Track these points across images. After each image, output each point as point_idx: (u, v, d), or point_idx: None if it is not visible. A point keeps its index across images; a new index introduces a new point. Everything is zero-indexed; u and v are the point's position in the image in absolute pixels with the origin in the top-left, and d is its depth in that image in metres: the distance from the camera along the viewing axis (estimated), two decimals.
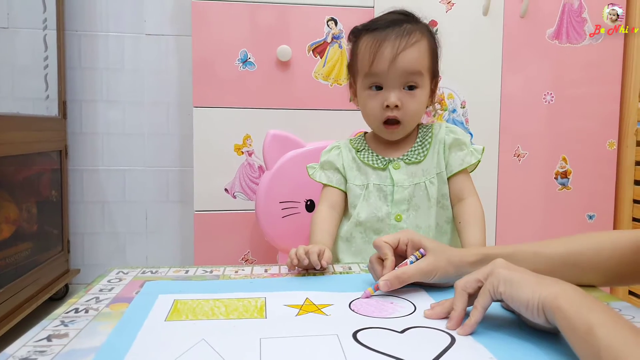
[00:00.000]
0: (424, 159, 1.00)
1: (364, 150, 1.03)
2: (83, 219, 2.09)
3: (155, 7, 2.04)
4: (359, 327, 0.58)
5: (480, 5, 1.67)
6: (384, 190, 0.99)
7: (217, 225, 1.60)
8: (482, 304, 0.57)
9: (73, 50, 2.02)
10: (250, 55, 1.57)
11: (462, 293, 0.60)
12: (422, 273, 0.70)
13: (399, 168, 0.99)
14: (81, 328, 0.57)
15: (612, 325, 0.45)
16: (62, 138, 1.97)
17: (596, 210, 1.79)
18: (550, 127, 1.75)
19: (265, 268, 0.83)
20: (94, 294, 0.70)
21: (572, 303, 0.49)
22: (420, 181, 0.98)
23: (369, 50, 0.94)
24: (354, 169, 1.02)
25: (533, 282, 0.54)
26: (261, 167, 1.59)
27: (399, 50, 0.92)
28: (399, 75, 0.93)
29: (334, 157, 1.04)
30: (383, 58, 0.92)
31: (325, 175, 1.05)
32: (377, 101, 0.96)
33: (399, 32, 0.93)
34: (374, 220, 1.00)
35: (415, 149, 1.01)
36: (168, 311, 0.63)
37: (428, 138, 1.02)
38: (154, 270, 0.82)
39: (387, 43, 0.92)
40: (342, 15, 1.61)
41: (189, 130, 1.72)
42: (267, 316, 0.62)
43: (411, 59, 0.93)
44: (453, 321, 0.58)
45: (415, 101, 0.96)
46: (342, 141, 1.08)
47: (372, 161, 1.01)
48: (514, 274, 0.56)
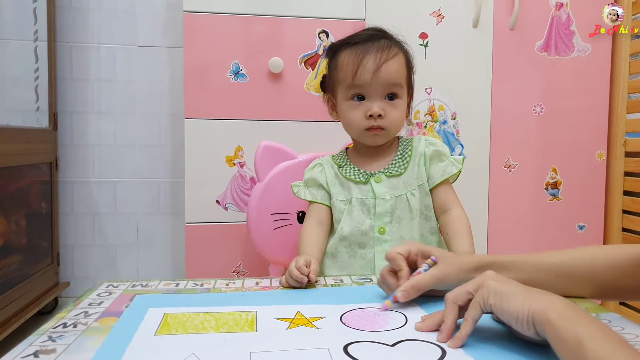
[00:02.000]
0: (405, 172, 1.01)
1: (345, 166, 1.05)
2: (73, 231, 2.08)
3: (147, 18, 2.05)
4: (350, 340, 0.58)
5: (470, 17, 1.68)
6: (366, 203, 1.00)
7: (208, 237, 1.59)
8: (472, 317, 0.57)
9: (64, 62, 2.02)
10: (242, 67, 1.58)
11: (453, 305, 0.60)
12: (437, 280, 0.70)
13: (380, 181, 1.00)
14: (69, 343, 0.57)
15: (601, 337, 0.45)
16: (53, 150, 1.95)
17: (586, 220, 1.80)
18: (541, 138, 1.76)
19: (257, 281, 0.83)
20: (83, 308, 0.69)
21: (561, 315, 0.49)
22: (402, 193, 1.00)
23: (351, 62, 0.96)
24: (337, 185, 1.04)
25: (523, 294, 0.54)
26: (253, 178, 1.58)
27: (381, 62, 0.95)
28: (381, 85, 0.96)
29: (317, 174, 1.06)
30: (366, 69, 0.95)
31: (309, 192, 1.06)
32: (359, 111, 0.98)
33: (379, 46, 0.97)
34: (358, 234, 1.00)
35: (396, 161, 1.02)
36: (158, 325, 0.62)
37: (408, 151, 1.04)
38: (144, 283, 0.81)
39: (370, 55, 0.96)
40: (334, 27, 1.62)
41: (180, 141, 1.71)
42: (257, 330, 0.61)
43: (392, 70, 0.96)
44: (444, 334, 0.58)
45: (397, 110, 0.99)
46: (324, 158, 1.10)
47: (353, 175, 1.02)
48: (504, 286, 0.56)
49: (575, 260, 0.71)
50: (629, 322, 0.64)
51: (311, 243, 0.99)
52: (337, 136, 1.60)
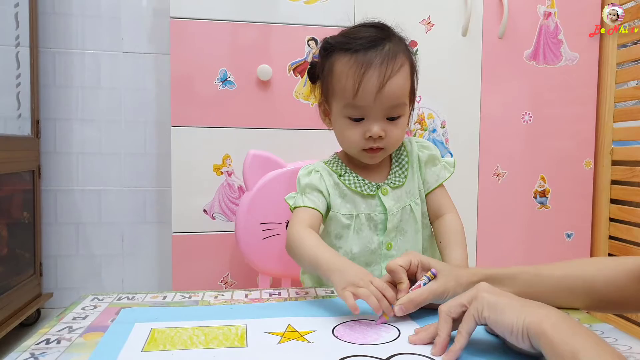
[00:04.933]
0: (406, 181, 0.96)
1: (346, 175, 0.95)
2: (56, 241, 2.04)
3: (133, 24, 2.03)
4: (343, 355, 0.56)
5: (459, 26, 1.69)
6: (374, 219, 0.93)
7: (195, 247, 1.56)
8: (466, 329, 0.56)
9: (47, 68, 1.99)
10: (230, 74, 1.56)
11: (447, 318, 0.59)
12: (435, 295, 0.69)
13: (387, 193, 0.93)
14: None
15: (596, 351, 0.45)
16: (35, 158, 1.92)
17: (574, 229, 1.81)
18: (529, 146, 1.77)
19: (246, 293, 0.81)
20: (67, 323, 0.67)
21: (556, 328, 0.49)
22: (406, 204, 0.95)
23: (351, 77, 0.85)
24: (337, 196, 0.94)
25: (517, 306, 0.54)
26: (241, 187, 1.56)
27: (385, 79, 0.84)
28: (383, 108, 0.87)
29: (317, 181, 0.94)
30: (368, 90, 0.85)
31: (309, 199, 0.92)
32: (357, 131, 0.89)
33: (382, 56, 0.86)
34: (367, 254, 0.93)
35: (395, 170, 0.96)
36: (145, 341, 0.60)
37: (404, 157, 0.98)
38: (130, 296, 0.79)
39: (372, 71, 0.85)
40: (323, 35, 1.58)
41: (167, 149, 1.69)
42: (248, 345, 0.59)
43: (396, 89, 0.86)
44: (438, 347, 0.57)
45: (399, 128, 0.90)
46: (316, 164, 0.98)
47: (360, 187, 0.93)
48: (498, 298, 0.56)
49: (574, 273, 0.70)
50: (622, 334, 0.64)
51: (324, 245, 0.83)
52: (327, 145, 1.59)
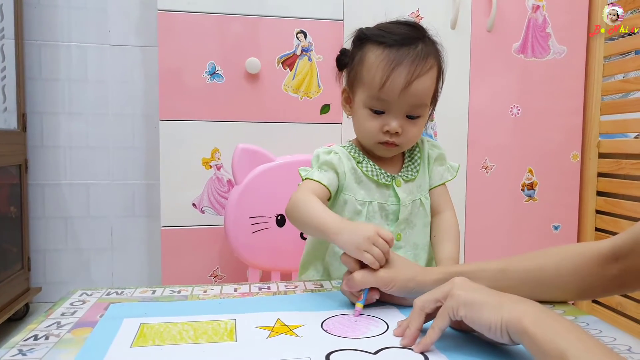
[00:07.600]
0: (418, 175, 0.97)
1: (364, 162, 0.95)
2: (44, 235, 2.02)
3: (119, 17, 2.00)
4: (332, 348, 0.57)
5: (448, 19, 1.69)
6: (386, 209, 0.94)
7: (185, 241, 1.56)
8: (439, 326, 0.56)
9: (33, 61, 1.96)
10: (218, 67, 1.55)
11: (420, 313, 0.59)
12: (382, 281, 0.70)
13: (400, 185, 0.94)
14: (41, 357, 0.54)
15: (585, 350, 0.44)
16: (22, 152, 1.90)
17: (561, 221, 1.83)
18: (517, 139, 1.78)
19: (235, 287, 0.81)
20: (55, 319, 0.66)
21: (538, 325, 0.48)
22: (416, 197, 0.96)
23: (381, 69, 0.87)
24: (353, 181, 0.94)
25: (494, 303, 0.53)
26: (230, 181, 1.56)
27: (412, 78, 0.86)
28: (406, 105, 0.88)
29: (336, 161, 0.93)
30: (394, 85, 0.86)
31: (324, 175, 0.92)
32: (376, 123, 0.90)
33: (414, 55, 0.87)
34: None
35: (407, 164, 0.98)
36: (134, 336, 0.60)
37: (416, 153, 1.00)
38: (119, 291, 0.78)
39: (402, 68, 0.86)
40: (312, 27, 1.60)
41: (155, 143, 1.68)
42: (237, 339, 0.60)
43: (421, 90, 0.88)
44: (407, 339, 0.58)
45: (416, 127, 0.92)
46: (334, 146, 0.97)
47: (376, 176, 0.94)
48: (474, 295, 0.56)
49: (539, 265, 0.70)
50: (605, 324, 0.64)
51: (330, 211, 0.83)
52: (315, 137, 1.60)
